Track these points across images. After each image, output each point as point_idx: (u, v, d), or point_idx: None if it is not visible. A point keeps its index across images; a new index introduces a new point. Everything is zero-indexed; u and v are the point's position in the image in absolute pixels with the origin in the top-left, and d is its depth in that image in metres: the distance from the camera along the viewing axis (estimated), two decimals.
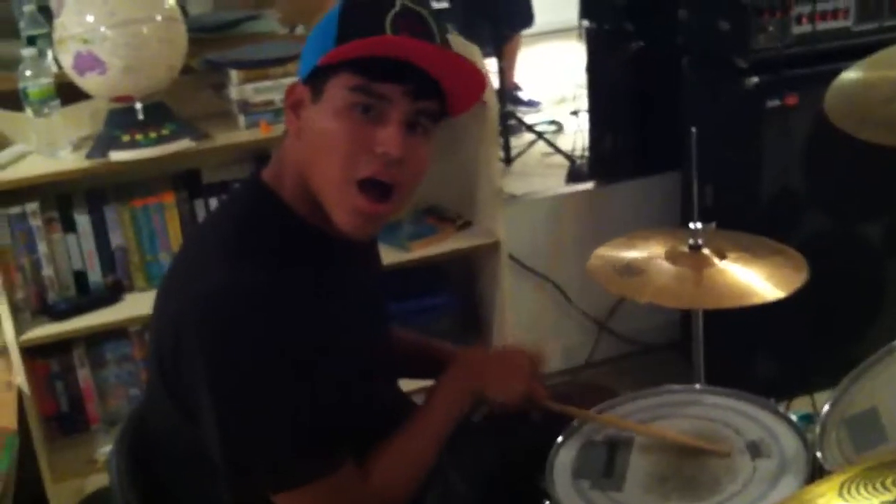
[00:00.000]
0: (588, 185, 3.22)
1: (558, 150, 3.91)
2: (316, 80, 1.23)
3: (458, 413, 1.39)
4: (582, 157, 3.70)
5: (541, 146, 4.04)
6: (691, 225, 1.82)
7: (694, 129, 1.74)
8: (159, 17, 2.07)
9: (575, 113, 4.27)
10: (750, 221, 2.46)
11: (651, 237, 1.93)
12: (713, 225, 1.81)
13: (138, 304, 2.32)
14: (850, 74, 1.57)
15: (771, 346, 2.70)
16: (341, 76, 1.21)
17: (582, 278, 3.21)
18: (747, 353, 2.69)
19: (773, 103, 2.46)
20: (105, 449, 2.36)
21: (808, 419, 2.66)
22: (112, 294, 2.35)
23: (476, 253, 2.58)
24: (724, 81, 2.55)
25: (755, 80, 2.45)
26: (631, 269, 1.82)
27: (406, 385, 1.62)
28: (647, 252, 1.86)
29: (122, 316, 2.31)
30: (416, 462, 1.32)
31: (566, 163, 3.77)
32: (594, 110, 3.40)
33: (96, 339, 2.40)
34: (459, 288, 2.70)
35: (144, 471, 1.33)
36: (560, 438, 1.56)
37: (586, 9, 3.33)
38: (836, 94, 1.52)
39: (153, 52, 2.07)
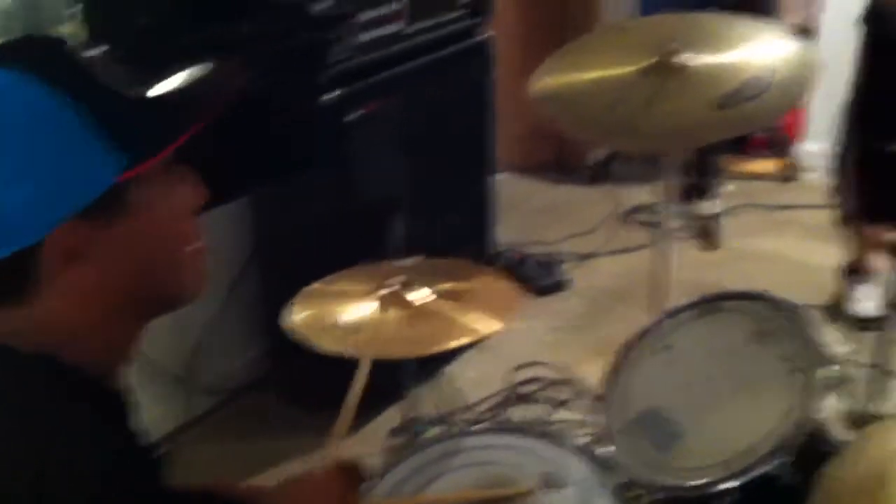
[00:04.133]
0: None
1: None
2: (99, 208, 0.92)
3: None
4: None
5: None
6: (395, 262, 1.69)
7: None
8: None
9: None
10: (335, 239, 2.41)
11: (348, 279, 1.75)
12: (418, 258, 1.70)
13: None
14: (549, 80, 1.53)
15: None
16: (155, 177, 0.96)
17: (152, 332, 2.87)
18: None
19: (354, 115, 2.39)
20: None
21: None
22: None
23: None
24: (299, 100, 2.40)
25: (335, 93, 2.34)
26: (346, 325, 1.63)
27: None
28: (355, 300, 1.68)
29: None
30: None
31: None
32: None
33: None
34: None
35: None
36: None
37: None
38: (555, 104, 1.47)
39: None
